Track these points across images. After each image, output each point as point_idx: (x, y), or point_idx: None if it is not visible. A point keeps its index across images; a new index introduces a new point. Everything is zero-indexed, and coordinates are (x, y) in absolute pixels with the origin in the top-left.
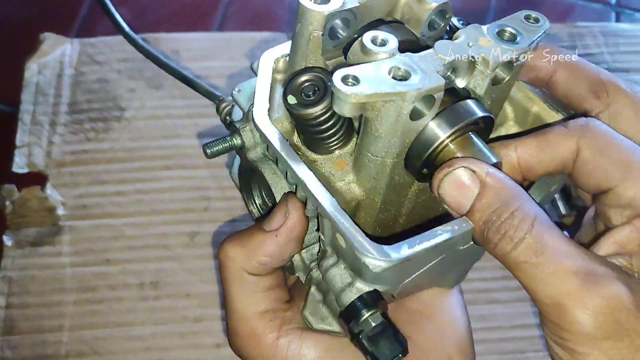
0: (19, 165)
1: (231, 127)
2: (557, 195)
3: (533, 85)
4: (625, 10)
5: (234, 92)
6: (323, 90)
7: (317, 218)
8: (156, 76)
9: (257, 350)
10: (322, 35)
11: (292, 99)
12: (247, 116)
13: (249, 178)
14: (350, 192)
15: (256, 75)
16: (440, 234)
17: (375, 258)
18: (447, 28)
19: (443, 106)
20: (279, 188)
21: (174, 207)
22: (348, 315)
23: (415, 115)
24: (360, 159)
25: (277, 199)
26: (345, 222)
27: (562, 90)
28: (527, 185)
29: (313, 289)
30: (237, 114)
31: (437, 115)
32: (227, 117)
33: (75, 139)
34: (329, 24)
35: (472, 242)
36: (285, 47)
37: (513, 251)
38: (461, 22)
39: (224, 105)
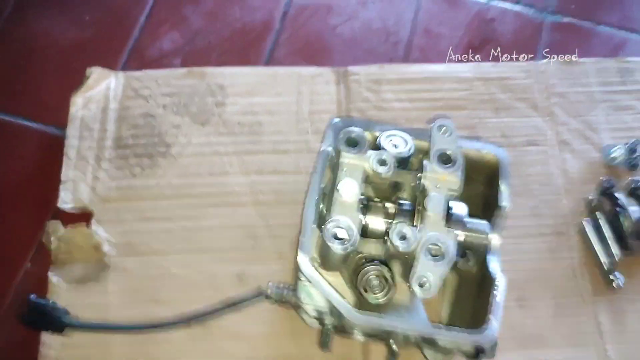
0: (64, 200)
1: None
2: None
3: None
4: None
5: (303, 304)
6: (385, 282)
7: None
8: (202, 112)
9: None
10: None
11: (372, 300)
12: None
13: None
14: (414, 298)
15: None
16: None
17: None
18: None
19: None
20: None
21: (221, 246)
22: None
23: None
24: None
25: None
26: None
27: None
28: None
29: (426, 350)
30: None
31: None
32: (284, 301)
33: (120, 174)
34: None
35: None
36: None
37: None
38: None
39: (271, 293)
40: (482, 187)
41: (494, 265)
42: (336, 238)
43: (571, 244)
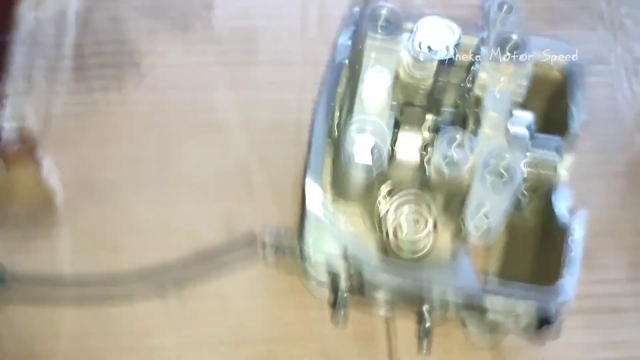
0: (5, 127)
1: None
2: None
3: None
4: None
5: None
6: (425, 218)
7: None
8: (184, 15)
9: None
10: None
11: (406, 254)
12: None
13: None
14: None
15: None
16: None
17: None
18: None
19: None
20: None
21: (205, 182)
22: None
23: None
24: None
25: None
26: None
27: None
28: None
29: (468, 328)
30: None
31: None
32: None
33: (78, 91)
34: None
35: None
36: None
37: None
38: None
39: (267, 239)
40: (543, 104)
41: (564, 205)
42: (360, 150)
43: None
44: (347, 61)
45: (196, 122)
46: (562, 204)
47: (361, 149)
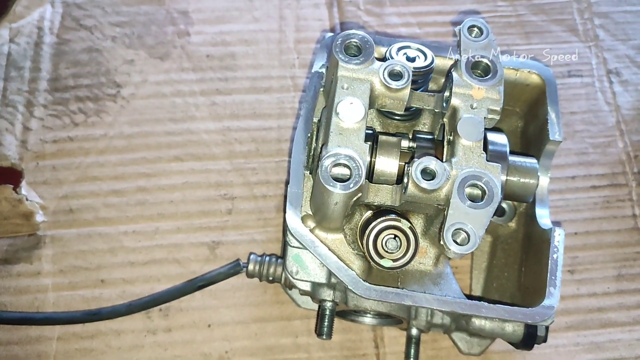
0: None
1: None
2: None
3: None
4: None
5: (294, 276)
6: (405, 240)
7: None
8: (160, 44)
9: None
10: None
11: (387, 262)
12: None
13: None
14: (440, 263)
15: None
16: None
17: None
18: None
19: None
20: None
21: (188, 210)
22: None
23: None
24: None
25: None
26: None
27: None
28: None
29: (456, 335)
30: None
31: None
32: (271, 278)
33: (58, 123)
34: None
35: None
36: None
37: None
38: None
39: (252, 267)
40: (520, 121)
41: (545, 217)
42: (336, 179)
43: (632, 197)
44: (322, 89)
45: (177, 149)
46: (544, 218)
47: (337, 180)
